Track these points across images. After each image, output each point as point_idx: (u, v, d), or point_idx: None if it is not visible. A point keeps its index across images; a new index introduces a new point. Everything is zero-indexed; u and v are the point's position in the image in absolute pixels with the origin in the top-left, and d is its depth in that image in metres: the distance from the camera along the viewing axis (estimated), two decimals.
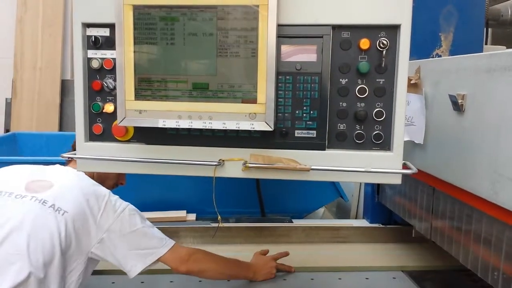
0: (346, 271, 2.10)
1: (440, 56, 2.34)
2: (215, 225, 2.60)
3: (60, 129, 5.17)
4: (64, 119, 5.20)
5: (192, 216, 2.89)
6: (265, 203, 3.06)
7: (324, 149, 1.39)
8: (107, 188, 1.78)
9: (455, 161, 1.60)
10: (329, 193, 3.16)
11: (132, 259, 1.68)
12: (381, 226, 2.64)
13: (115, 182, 2.00)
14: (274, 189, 3.02)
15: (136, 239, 1.69)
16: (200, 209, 2.90)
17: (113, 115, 1.42)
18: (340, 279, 2.01)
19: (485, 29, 2.75)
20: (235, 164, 1.42)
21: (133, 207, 1.74)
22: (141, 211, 1.79)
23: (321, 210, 3.43)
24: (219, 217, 1.57)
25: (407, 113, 1.80)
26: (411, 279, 2.00)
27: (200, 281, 1.97)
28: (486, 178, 1.41)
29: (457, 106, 1.55)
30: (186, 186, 2.92)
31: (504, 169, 1.34)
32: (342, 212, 3.58)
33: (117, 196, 1.75)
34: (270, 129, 1.31)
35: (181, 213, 2.88)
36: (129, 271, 1.69)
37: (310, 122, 1.39)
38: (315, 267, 2.14)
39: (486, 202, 1.42)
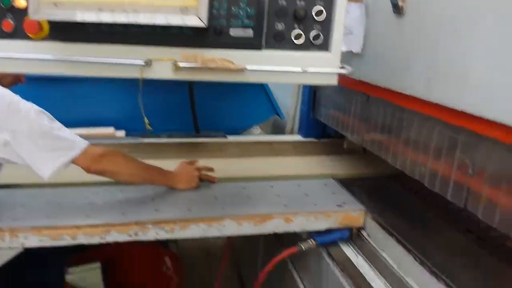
0: (278, 180, 2.12)
1: None
2: (147, 141, 2.49)
3: None
4: None
5: (121, 133, 2.76)
6: (199, 120, 2.98)
7: (261, 49, 1.33)
8: (5, 86, 1.60)
9: (392, 65, 1.59)
10: (264, 110, 3.13)
11: (41, 159, 1.55)
12: (315, 140, 2.68)
13: (13, 79, 1.78)
14: (208, 106, 2.94)
15: (44, 139, 1.55)
16: (130, 127, 2.77)
17: (26, 11, 1.24)
18: (272, 186, 2.03)
19: None
20: (164, 64, 1.32)
21: (40, 108, 1.58)
22: (67, 127, 1.64)
23: (257, 131, 3.41)
24: (146, 120, 1.44)
25: (346, 23, 1.74)
26: (341, 185, 2.06)
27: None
28: (421, 76, 1.41)
29: (397, 9, 1.52)
30: (115, 102, 2.76)
31: (440, 66, 1.32)
32: (277, 132, 3.59)
33: (19, 96, 1.57)
34: (204, 26, 1.22)
35: (109, 130, 2.74)
36: (39, 171, 1.57)
37: (247, 20, 1.31)
38: (248, 177, 2.13)
39: (419, 101, 1.43)
